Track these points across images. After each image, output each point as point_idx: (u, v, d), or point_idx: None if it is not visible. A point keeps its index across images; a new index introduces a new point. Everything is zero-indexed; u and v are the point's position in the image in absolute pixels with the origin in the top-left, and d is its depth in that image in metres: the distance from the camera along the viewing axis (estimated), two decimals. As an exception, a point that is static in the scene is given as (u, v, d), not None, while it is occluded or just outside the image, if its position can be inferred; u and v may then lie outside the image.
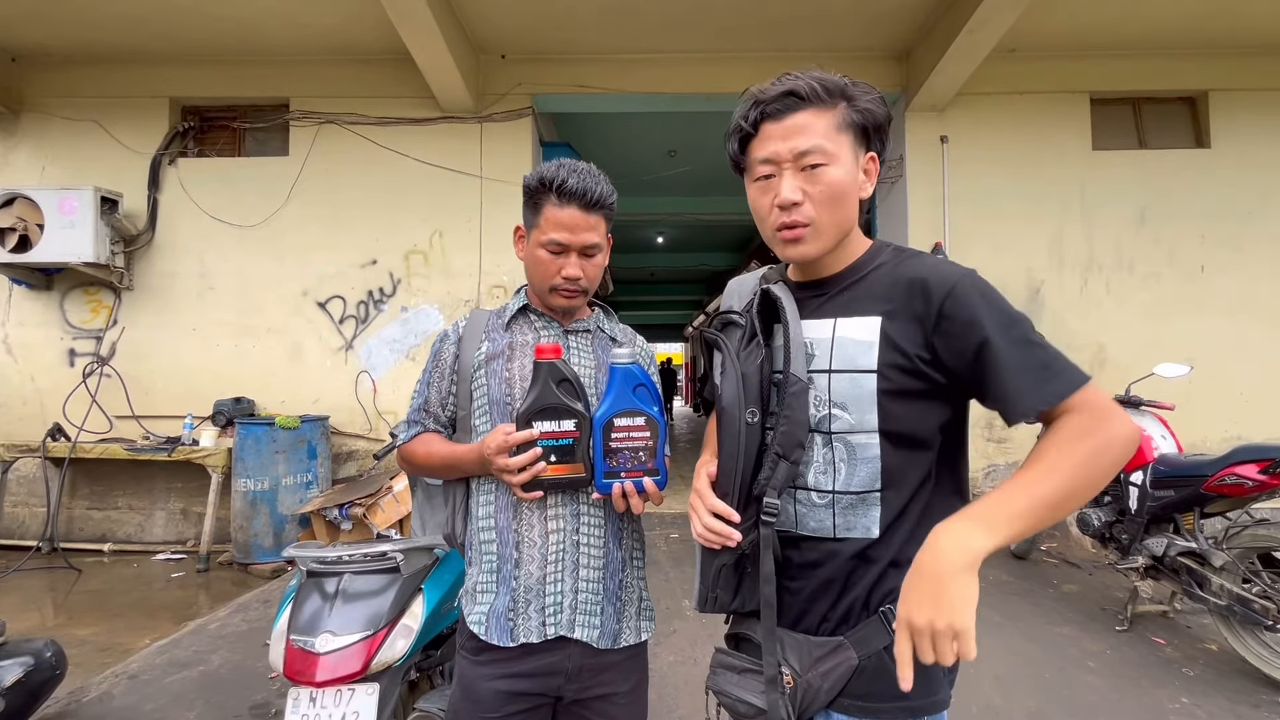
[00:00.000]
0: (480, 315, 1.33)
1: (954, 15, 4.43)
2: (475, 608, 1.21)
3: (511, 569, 1.19)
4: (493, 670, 1.16)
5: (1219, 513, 2.94)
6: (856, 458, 0.90)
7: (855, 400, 0.89)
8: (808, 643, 0.92)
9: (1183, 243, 5.11)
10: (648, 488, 1.12)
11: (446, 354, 1.31)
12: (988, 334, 0.83)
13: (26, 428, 4.99)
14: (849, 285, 0.95)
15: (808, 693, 0.89)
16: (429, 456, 1.27)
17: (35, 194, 4.68)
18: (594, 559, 1.20)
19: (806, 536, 0.94)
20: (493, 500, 1.23)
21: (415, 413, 1.33)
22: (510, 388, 1.22)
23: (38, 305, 5.15)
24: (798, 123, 0.89)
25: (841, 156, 0.89)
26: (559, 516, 1.19)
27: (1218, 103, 5.19)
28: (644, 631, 1.26)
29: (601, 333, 1.33)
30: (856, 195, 0.92)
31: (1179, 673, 2.73)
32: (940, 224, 5.16)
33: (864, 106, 0.90)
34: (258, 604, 3.63)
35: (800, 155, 0.89)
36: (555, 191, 1.17)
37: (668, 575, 3.96)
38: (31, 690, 2.28)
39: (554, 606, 1.17)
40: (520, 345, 1.26)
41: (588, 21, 4.79)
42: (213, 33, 4.88)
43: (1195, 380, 3.77)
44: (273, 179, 5.19)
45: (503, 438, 1.11)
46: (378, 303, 5.22)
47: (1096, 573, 3.93)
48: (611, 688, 1.21)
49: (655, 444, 1.12)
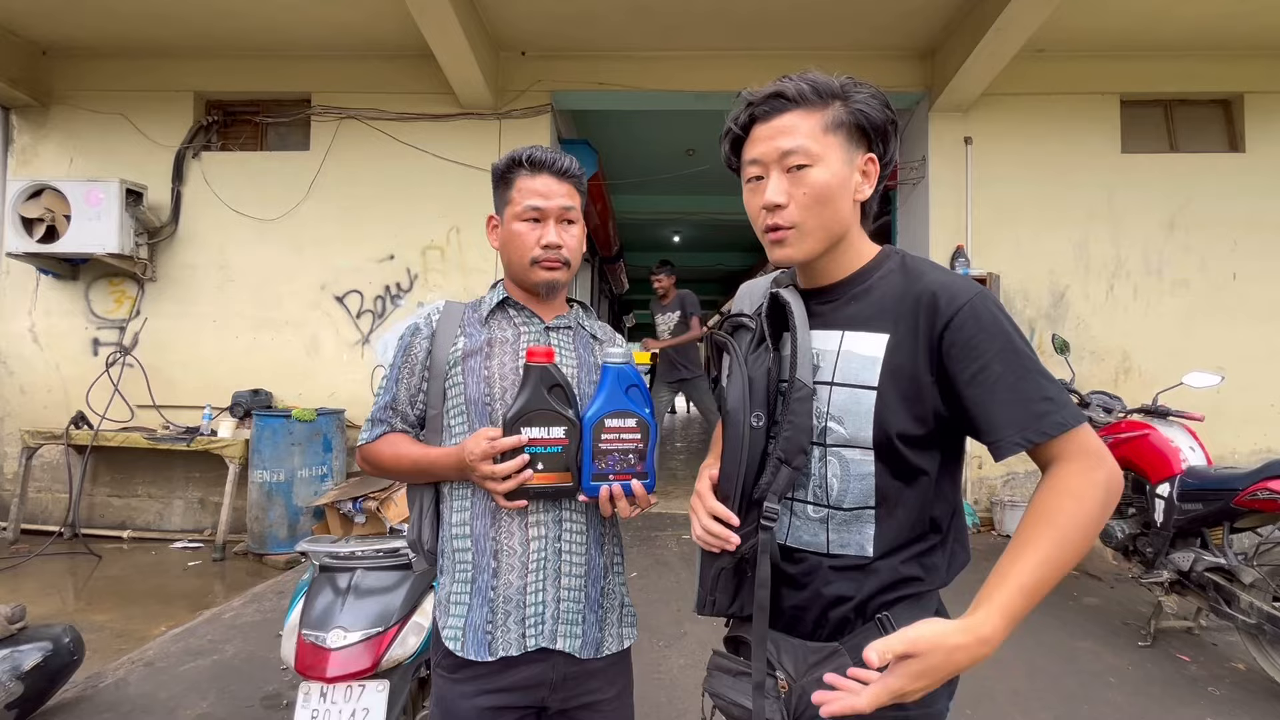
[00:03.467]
0: (455, 308, 1.25)
1: (981, 13, 4.34)
2: (449, 621, 1.14)
3: (489, 579, 1.12)
4: (472, 687, 1.11)
5: (1249, 528, 2.85)
6: (850, 474, 0.89)
7: (853, 415, 0.88)
8: (803, 648, 0.91)
9: (1214, 249, 4.98)
10: (636, 490, 1.09)
11: (418, 349, 1.22)
12: (987, 358, 0.81)
13: (51, 415, 5.09)
14: (856, 296, 0.93)
15: (802, 698, 0.88)
16: (397, 459, 1.19)
17: (63, 185, 4.76)
18: (576, 567, 1.15)
19: (799, 549, 0.93)
20: (468, 506, 1.16)
21: (381, 410, 1.23)
22: (490, 386, 1.16)
23: (64, 295, 5.25)
24: (784, 124, 0.88)
25: (828, 157, 0.87)
26: (540, 523, 1.13)
27: (1253, 105, 5.05)
28: (626, 639, 1.23)
29: (583, 329, 1.28)
30: (848, 197, 0.90)
31: (1204, 692, 2.65)
32: (963, 227, 5.07)
33: (857, 106, 0.88)
34: (272, 594, 3.66)
35: (784, 155, 0.88)
36: (526, 163, 1.19)
37: (678, 576, 3.94)
38: (49, 675, 2.32)
39: (535, 618, 1.12)
40: (499, 341, 1.19)
41: (608, 19, 4.77)
42: (237, 28, 4.93)
43: (1225, 391, 3.66)
44: (293, 173, 5.24)
45: (487, 443, 1.05)
46: (394, 298, 5.25)
47: (1118, 586, 3.84)
48: (596, 695, 1.17)
49: (645, 447, 1.09)
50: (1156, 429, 3.19)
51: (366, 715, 1.56)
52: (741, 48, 5.09)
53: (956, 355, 0.83)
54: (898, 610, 0.87)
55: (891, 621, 0.86)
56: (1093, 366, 4.82)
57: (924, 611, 0.89)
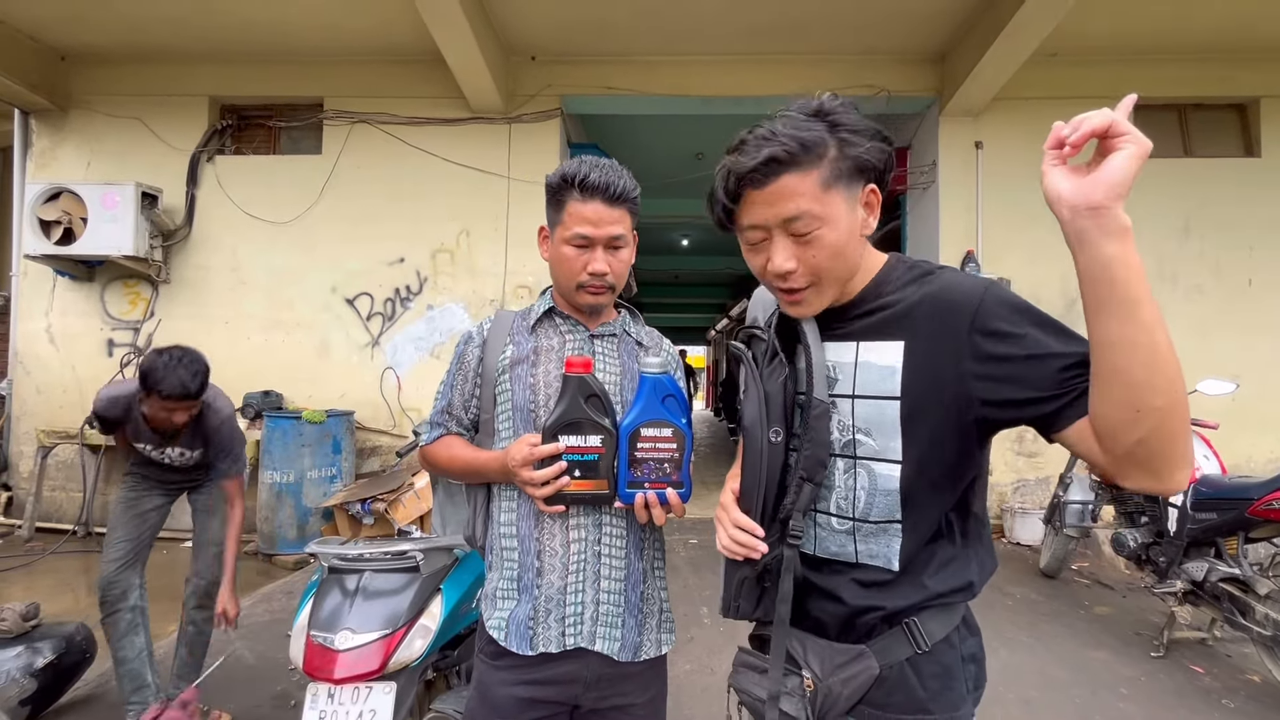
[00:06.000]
0: (505, 317, 1.30)
1: (993, 18, 4.32)
2: (495, 613, 1.19)
3: (533, 577, 1.17)
4: (511, 676, 1.15)
5: (1265, 538, 2.81)
6: (877, 488, 0.88)
7: (879, 426, 0.87)
8: (830, 648, 0.91)
9: (1229, 255, 4.93)
10: (671, 499, 1.10)
11: (470, 356, 1.29)
12: (1026, 328, 0.79)
13: (65, 415, 5.15)
14: (870, 309, 0.92)
15: (828, 698, 0.88)
16: (451, 460, 1.26)
17: (80, 188, 4.84)
18: (615, 570, 1.18)
19: (826, 560, 0.93)
20: (515, 508, 1.21)
21: (438, 414, 1.31)
22: (535, 394, 1.20)
23: (79, 296, 5.32)
24: (781, 188, 0.83)
25: (833, 215, 0.83)
26: (580, 526, 1.17)
27: (1269, 110, 5.00)
28: (664, 644, 1.24)
29: (628, 336, 1.31)
30: (858, 241, 0.88)
31: (1218, 704, 2.61)
32: (973, 231, 5.05)
33: (854, 154, 0.84)
34: (281, 595, 3.69)
35: (788, 222, 0.84)
36: (578, 187, 1.16)
37: (686, 582, 3.93)
38: (62, 672, 2.34)
39: (574, 617, 1.15)
40: (545, 350, 1.23)
41: (617, 23, 4.79)
42: (251, 34, 5.00)
43: (1240, 398, 3.62)
44: (305, 176, 5.29)
45: (528, 450, 1.09)
46: (404, 300, 5.28)
47: (1130, 595, 3.79)
48: (630, 698, 1.19)
49: (681, 456, 1.10)
50: (1170, 437, 3.16)
51: (374, 716, 1.57)
52: (750, 52, 5.10)
53: (995, 343, 0.80)
54: (925, 617, 0.88)
55: (919, 626, 0.87)
56: (1105, 373, 4.77)
57: (952, 619, 0.89)
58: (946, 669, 0.88)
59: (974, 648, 0.92)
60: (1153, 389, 0.68)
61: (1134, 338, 0.68)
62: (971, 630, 0.93)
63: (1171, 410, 0.69)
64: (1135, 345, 0.68)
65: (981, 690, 0.93)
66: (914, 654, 0.87)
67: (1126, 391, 0.69)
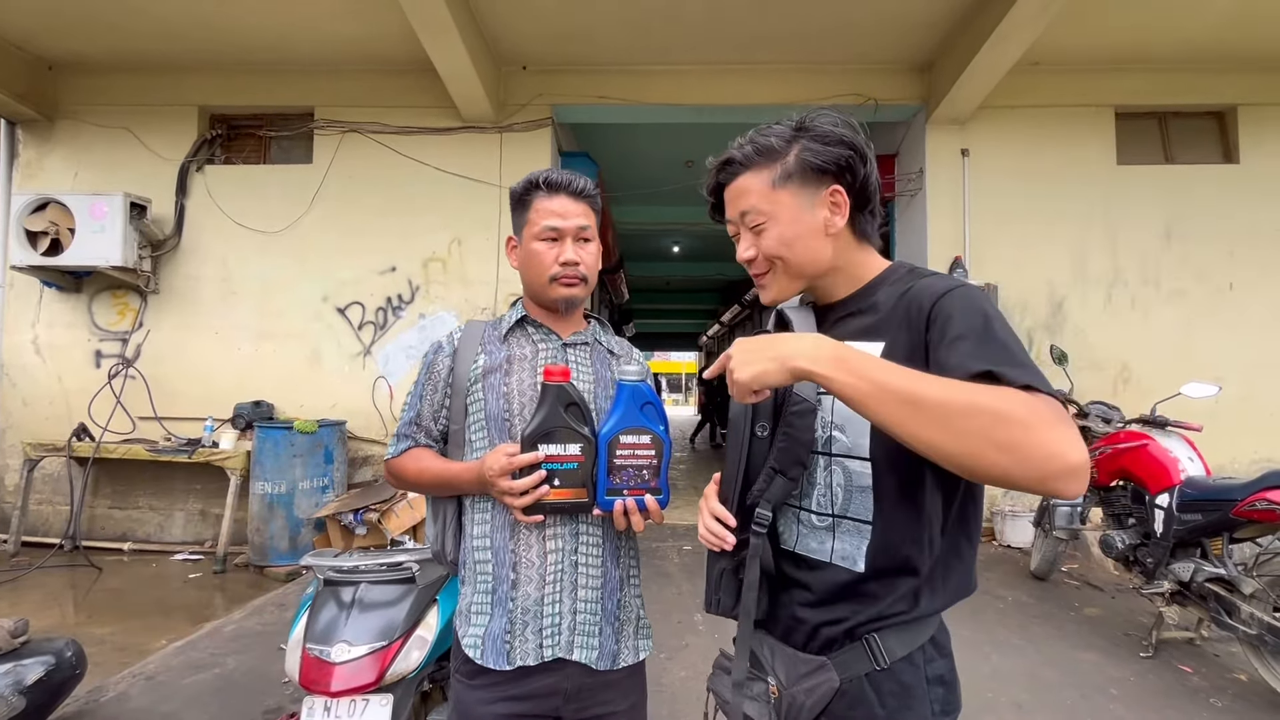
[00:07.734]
0: (476, 326, 1.30)
1: (978, 28, 4.40)
2: (470, 630, 1.18)
3: (508, 590, 1.16)
4: (489, 694, 1.14)
5: (1249, 538, 2.86)
6: (853, 484, 0.90)
7: (851, 422, 0.89)
8: (795, 658, 0.92)
9: (1211, 259, 5.01)
10: (649, 506, 1.11)
11: (440, 366, 1.27)
12: (961, 330, 0.79)
13: (53, 427, 5.10)
14: (861, 309, 0.95)
15: (792, 706, 0.89)
16: (420, 473, 1.23)
17: (67, 199, 4.80)
18: (593, 579, 1.18)
19: (804, 556, 0.95)
20: (489, 519, 1.20)
21: (406, 426, 1.28)
22: (509, 403, 1.19)
23: (66, 307, 5.27)
24: (739, 187, 0.96)
25: (778, 213, 0.93)
26: (557, 536, 1.17)
27: (1247, 118, 5.11)
28: (642, 651, 1.25)
29: (599, 345, 1.31)
30: (816, 236, 0.93)
31: (1206, 703, 2.65)
32: (960, 238, 5.11)
33: (803, 155, 0.92)
34: (272, 607, 3.66)
35: (743, 216, 0.96)
36: (543, 185, 1.24)
37: (680, 588, 3.93)
38: (52, 689, 2.31)
39: (552, 628, 1.15)
40: (518, 359, 1.23)
41: (608, 33, 4.83)
42: (241, 43, 4.99)
43: (1223, 401, 3.68)
44: (296, 186, 5.28)
45: (506, 460, 1.08)
46: (396, 309, 5.28)
47: (1119, 596, 3.83)
48: (610, 706, 1.19)
49: (659, 463, 1.11)
50: (1155, 439, 3.21)
51: (370, 729, 1.57)
52: (739, 62, 5.15)
53: (934, 337, 0.81)
54: (885, 634, 0.87)
55: (879, 643, 0.86)
56: (1091, 377, 4.84)
57: (915, 638, 0.88)
58: (906, 688, 0.86)
59: (942, 669, 0.89)
60: (974, 432, 0.69)
61: (928, 420, 0.71)
62: (941, 652, 0.91)
63: (994, 427, 0.69)
64: (934, 423, 0.70)
65: (953, 717, 0.89)
66: (872, 670, 0.86)
67: (959, 443, 0.70)
